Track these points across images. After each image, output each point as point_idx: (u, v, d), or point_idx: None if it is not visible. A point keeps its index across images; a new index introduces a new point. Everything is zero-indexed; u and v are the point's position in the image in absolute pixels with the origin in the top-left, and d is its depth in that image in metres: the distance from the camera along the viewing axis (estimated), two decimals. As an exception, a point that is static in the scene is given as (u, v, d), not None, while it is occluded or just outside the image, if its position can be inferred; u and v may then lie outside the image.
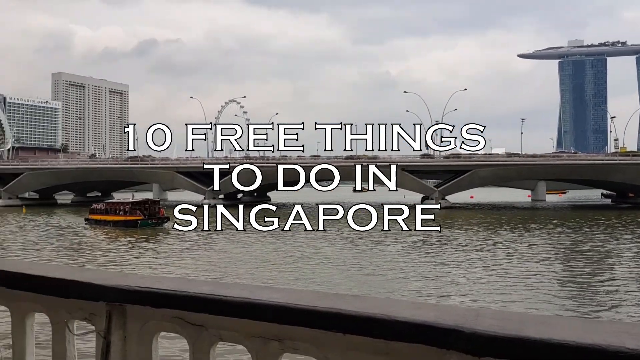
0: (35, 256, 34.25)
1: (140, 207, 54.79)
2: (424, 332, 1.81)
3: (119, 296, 2.52)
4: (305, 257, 33.01)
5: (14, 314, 3.05)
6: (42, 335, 3.08)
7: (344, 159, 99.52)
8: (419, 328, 1.82)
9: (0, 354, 3.41)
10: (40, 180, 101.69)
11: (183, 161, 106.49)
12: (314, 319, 2.01)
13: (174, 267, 29.82)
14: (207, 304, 2.25)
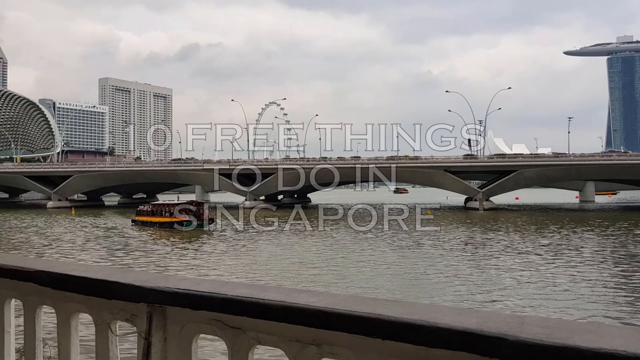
0: (82, 257, 35.12)
1: (186, 208, 55.03)
2: (466, 340, 1.75)
3: (159, 298, 2.54)
4: (345, 258, 32.73)
5: (59, 314, 3.14)
6: (89, 335, 3.13)
7: (384, 159, 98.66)
8: (460, 335, 1.76)
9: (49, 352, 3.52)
10: (88, 182, 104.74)
11: (224, 163, 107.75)
12: (352, 324, 1.96)
13: (217, 269, 29.94)
14: (245, 307, 2.24)
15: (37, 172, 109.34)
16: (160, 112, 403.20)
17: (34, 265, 3.26)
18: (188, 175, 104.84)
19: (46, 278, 3.09)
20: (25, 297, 3.38)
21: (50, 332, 3.38)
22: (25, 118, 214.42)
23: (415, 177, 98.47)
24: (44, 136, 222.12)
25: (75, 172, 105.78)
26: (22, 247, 40.98)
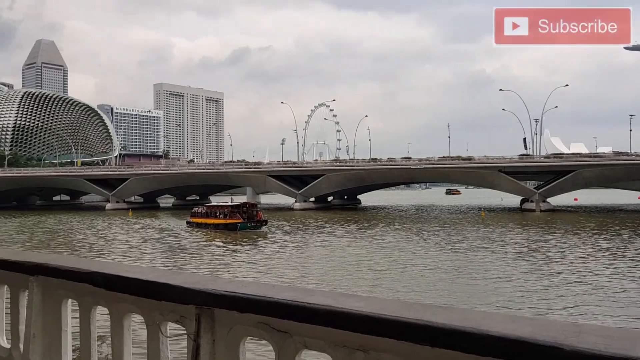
0: (138, 257, 35.86)
1: (239, 210, 55.20)
2: (519, 349, 1.67)
3: (207, 300, 2.56)
4: (395, 261, 32.15)
5: (113, 314, 3.23)
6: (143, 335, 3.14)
7: (436, 160, 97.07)
8: (513, 344, 1.67)
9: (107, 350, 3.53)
10: (145, 184, 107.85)
11: (274, 165, 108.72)
12: (400, 330, 1.92)
13: (268, 270, 29.90)
14: (291, 310, 2.22)
15: (96, 175, 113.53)
16: (212, 115, 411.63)
17: (88, 267, 3.33)
18: (239, 177, 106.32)
19: (100, 279, 3.15)
20: (80, 298, 3.46)
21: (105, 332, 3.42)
22: (85, 123, 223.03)
23: (468, 177, 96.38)
24: (103, 140, 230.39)
25: (132, 175, 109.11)
26: (81, 247, 42.37)
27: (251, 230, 52.02)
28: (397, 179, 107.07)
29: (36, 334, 3.68)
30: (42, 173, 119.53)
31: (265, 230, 52.37)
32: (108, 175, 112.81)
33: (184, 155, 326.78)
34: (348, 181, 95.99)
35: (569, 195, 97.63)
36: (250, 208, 56.48)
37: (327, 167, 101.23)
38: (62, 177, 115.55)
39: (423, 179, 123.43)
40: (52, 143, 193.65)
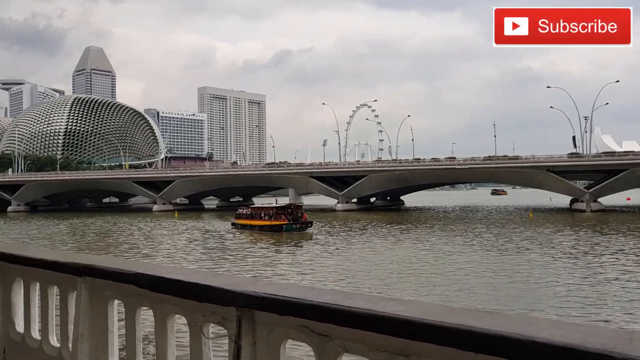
0: (183, 258, 36.19)
1: (285, 211, 54.85)
2: (567, 356, 1.61)
3: (247, 302, 2.57)
4: (438, 263, 31.40)
5: (157, 315, 3.29)
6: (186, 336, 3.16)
7: (481, 160, 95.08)
8: (560, 351, 1.62)
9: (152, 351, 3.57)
10: (190, 187, 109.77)
11: (316, 166, 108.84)
12: (442, 336, 1.88)
13: (312, 272, 29.66)
14: (330, 314, 2.21)
15: (143, 178, 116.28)
16: (255, 117, 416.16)
17: (133, 268, 3.39)
18: (281, 179, 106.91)
19: (144, 280, 3.20)
20: (126, 299, 3.54)
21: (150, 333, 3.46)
22: (132, 127, 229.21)
23: (515, 177, 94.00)
24: (149, 144, 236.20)
25: (177, 177, 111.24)
26: (129, 249, 43.23)
27: (296, 232, 51.57)
28: (441, 180, 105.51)
29: (84, 334, 3.76)
30: (92, 176, 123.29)
31: (310, 232, 51.89)
32: (154, 178, 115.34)
33: (227, 158, 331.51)
34: (391, 182, 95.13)
35: (621, 195, 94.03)
36: (296, 209, 56.06)
37: (369, 167, 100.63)
38: (111, 179, 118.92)
39: (468, 179, 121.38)
40: (102, 147, 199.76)
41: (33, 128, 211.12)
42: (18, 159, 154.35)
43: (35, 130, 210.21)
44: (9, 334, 4.86)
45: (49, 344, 4.38)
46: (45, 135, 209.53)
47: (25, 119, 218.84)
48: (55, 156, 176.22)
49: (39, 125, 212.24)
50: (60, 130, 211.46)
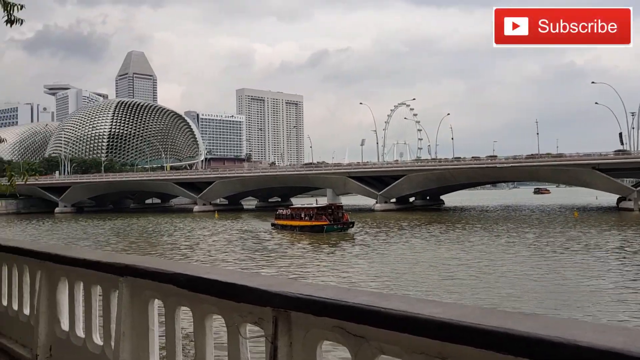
0: (223, 259, 36.28)
1: (325, 212, 54.16)
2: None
3: (283, 302, 2.58)
4: (479, 265, 30.64)
5: (195, 314, 3.33)
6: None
7: (523, 158, 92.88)
8: (604, 356, 1.56)
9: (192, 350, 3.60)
10: (229, 187, 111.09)
11: (354, 166, 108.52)
12: (480, 339, 1.83)
13: (353, 273, 29.28)
14: (366, 315, 2.19)
15: (184, 179, 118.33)
16: (292, 118, 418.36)
17: (172, 268, 3.43)
18: (319, 179, 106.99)
19: (183, 280, 3.23)
20: (165, 298, 3.59)
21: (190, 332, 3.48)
22: (173, 129, 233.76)
23: (559, 176, 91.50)
24: (190, 145, 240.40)
25: (217, 178, 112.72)
26: (171, 249, 43.92)
27: (337, 232, 50.71)
28: (482, 179, 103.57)
29: (126, 332, 3.85)
30: (134, 177, 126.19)
31: (352, 233, 51.03)
32: (195, 179, 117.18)
33: (266, 158, 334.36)
34: (430, 181, 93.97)
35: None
36: (336, 210, 55.31)
37: (408, 167, 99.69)
38: (152, 181, 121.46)
39: (510, 178, 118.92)
40: (144, 149, 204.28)
41: (78, 131, 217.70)
42: (64, 162, 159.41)
43: (81, 134, 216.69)
44: (55, 332, 4.96)
45: (93, 342, 4.46)
46: (90, 139, 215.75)
47: (71, 123, 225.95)
48: (100, 159, 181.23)
49: (84, 129, 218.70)
50: (104, 133, 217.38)
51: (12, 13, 5.67)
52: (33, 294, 5.45)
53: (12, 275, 6.02)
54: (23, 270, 5.75)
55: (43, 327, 5.05)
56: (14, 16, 5.68)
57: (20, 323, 5.67)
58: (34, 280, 5.46)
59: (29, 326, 5.37)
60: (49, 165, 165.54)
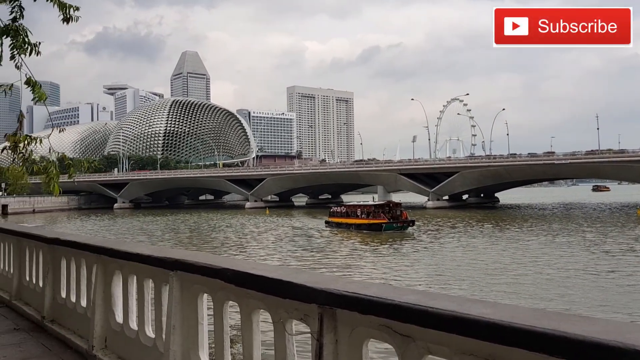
0: (272, 256, 36.10)
1: (383, 209, 52.02)
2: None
3: (328, 300, 2.57)
4: (535, 265, 29.47)
5: (242, 309, 3.36)
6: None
7: (583, 154, 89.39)
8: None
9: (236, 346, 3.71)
10: (280, 184, 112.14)
11: (405, 163, 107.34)
12: (533, 341, 1.77)
13: (409, 273, 28.34)
14: (413, 314, 2.16)
15: (236, 176, 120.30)
16: (343, 115, 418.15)
17: (220, 263, 3.46)
18: (369, 176, 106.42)
19: (230, 275, 3.27)
20: (214, 293, 3.63)
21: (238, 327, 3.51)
22: (225, 127, 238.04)
23: (621, 172, 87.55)
24: (242, 143, 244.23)
25: (268, 175, 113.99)
26: (222, 245, 44.47)
27: (397, 231, 48.53)
28: (539, 176, 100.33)
29: (176, 325, 3.91)
30: (189, 175, 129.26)
31: (411, 232, 48.99)
32: (246, 176, 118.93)
33: (316, 155, 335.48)
34: (485, 178, 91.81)
35: None
36: (395, 207, 53.08)
37: (461, 164, 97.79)
38: (206, 178, 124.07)
39: (568, 175, 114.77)
40: (198, 146, 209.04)
41: (135, 130, 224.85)
42: (123, 159, 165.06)
43: (138, 132, 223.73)
44: (109, 324, 5.07)
45: (145, 335, 4.55)
46: (146, 137, 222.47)
47: (128, 122, 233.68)
48: (156, 156, 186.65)
49: (141, 127, 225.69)
50: (160, 132, 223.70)
51: (69, 12, 5.77)
52: (89, 286, 5.60)
53: (70, 268, 6.21)
54: (80, 264, 5.91)
55: (98, 318, 5.17)
56: (70, 15, 5.78)
57: (78, 315, 5.83)
58: (91, 273, 5.60)
59: (86, 318, 5.51)
60: (108, 163, 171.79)
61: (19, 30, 5.79)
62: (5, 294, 8.24)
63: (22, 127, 6.17)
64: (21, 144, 5.95)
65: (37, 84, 5.76)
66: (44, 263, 6.94)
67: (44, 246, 6.89)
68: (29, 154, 6.11)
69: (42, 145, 6.05)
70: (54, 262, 6.57)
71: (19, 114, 6.31)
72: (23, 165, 6.51)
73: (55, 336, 6.10)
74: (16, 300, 7.74)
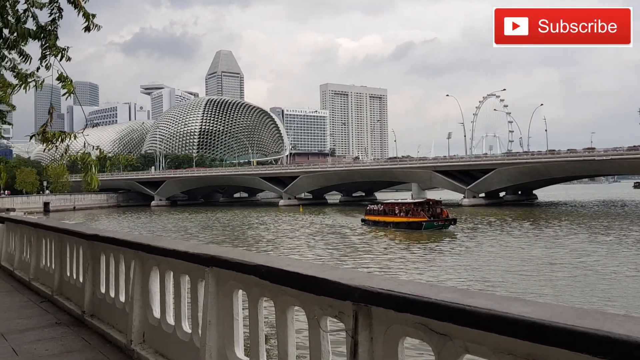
0: (308, 254, 35.83)
1: (423, 207, 50.89)
2: None
3: (363, 297, 2.55)
4: (577, 265, 28.64)
5: (277, 306, 3.38)
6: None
7: (625, 150, 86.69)
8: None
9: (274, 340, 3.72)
10: (313, 182, 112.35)
11: (440, 160, 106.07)
12: (575, 341, 1.72)
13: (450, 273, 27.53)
14: (450, 313, 2.13)
15: (269, 174, 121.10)
16: (376, 112, 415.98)
17: (254, 260, 3.47)
18: (404, 173, 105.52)
19: (265, 272, 3.28)
20: (248, 289, 3.65)
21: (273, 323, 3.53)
22: (259, 125, 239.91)
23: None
24: (275, 141, 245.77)
25: (301, 172, 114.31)
26: (254, 242, 44.65)
27: (437, 229, 47.33)
28: (578, 172, 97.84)
29: (212, 321, 3.95)
30: (223, 172, 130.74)
31: (453, 230, 47.59)
32: (280, 174, 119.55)
33: (349, 153, 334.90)
34: (522, 175, 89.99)
35: None
36: (435, 205, 51.71)
37: (497, 160, 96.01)
38: (240, 175, 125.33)
39: (609, 172, 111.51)
40: (232, 145, 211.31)
41: (172, 129, 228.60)
42: (159, 158, 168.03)
43: (174, 131, 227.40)
44: (147, 319, 5.13)
45: (182, 330, 4.60)
46: (182, 135, 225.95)
47: (164, 121, 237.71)
48: (192, 154, 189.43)
49: (176, 126, 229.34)
50: (195, 130, 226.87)
51: (91, 22, 5.84)
52: (128, 282, 5.68)
53: (109, 264, 6.31)
54: (119, 259, 6.01)
55: (137, 314, 5.24)
56: (92, 23, 5.85)
57: (117, 309, 5.93)
58: (129, 269, 5.69)
59: (124, 313, 5.60)
60: (146, 161, 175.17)
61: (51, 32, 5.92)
62: (47, 289, 8.45)
63: (52, 120, 6.29)
64: (55, 139, 6.07)
65: (67, 78, 5.85)
66: (84, 259, 7.09)
67: (84, 242, 7.03)
68: (65, 149, 6.24)
69: (77, 142, 6.16)
70: (93, 258, 6.70)
71: (49, 107, 6.44)
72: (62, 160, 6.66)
73: (95, 330, 6.21)
74: (57, 295, 7.93)
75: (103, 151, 6.32)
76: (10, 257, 11.79)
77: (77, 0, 5.84)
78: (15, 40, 6.12)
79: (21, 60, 6.43)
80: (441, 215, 50.17)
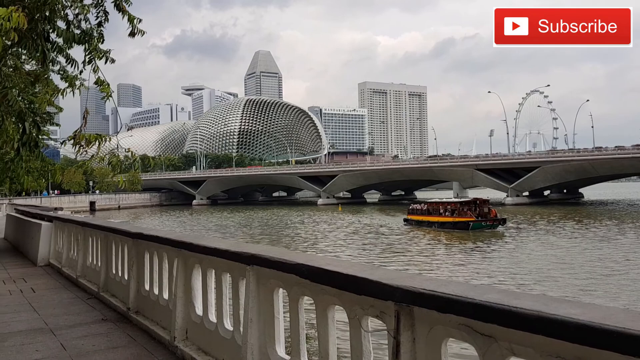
0: (348, 254, 35.35)
1: (470, 207, 49.13)
2: None
3: (405, 297, 2.53)
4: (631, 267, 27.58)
5: (318, 305, 3.36)
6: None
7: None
8: None
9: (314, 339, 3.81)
10: (352, 180, 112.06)
11: (482, 158, 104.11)
12: (627, 344, 1.66)
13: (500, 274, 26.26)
14: (495, 314, 2.10)
15: (308, 173, 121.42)
16: (415, 110, 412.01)
17: (294, 259, 3.48)
18: (444, 172, 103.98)
19: (305, 271, 3.29)
20: (289, 288, 3.64)
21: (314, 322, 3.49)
22: (297, 125, 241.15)
23: None
24: (313, 140, 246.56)
25: (340, 171, 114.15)
26: (292, 241, 44.66)
27: (486, 229, 45.61)
28: (627, 170, 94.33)
29: (253, 319, 3.97)
30: (262, 172, 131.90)
31: (502, 231, 45.54)
32: (318, 173, 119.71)
33: (388, 152, 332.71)
34: (567, 173, 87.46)
35: None
36: (482, 205, 49.61)
37: (542, 158, 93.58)
38: (279, 174, 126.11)
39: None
40: (271, 144, 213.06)
41: (212, 129, 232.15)
42: (200, 158, 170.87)
43: (214, 131, 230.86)
44: (190, 316, 5.21)
45: (224, 327, 4.65)
46: (222, 135, 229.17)
47: (205, 121, 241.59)
48: (231, 154, 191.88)
49: (216, 126, 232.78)
50: (234, 130, 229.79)
51: (136, 25, 5.95)
52: (171, 279, 5.78)
53: (153, 262, 6.43)
54: (162, 258, 6.11)
55: (180, 311, 5.32)
56: (137, 28, 5.97)
57: (161, 306, 6.03)
58: (172, 266, 5.78)
59: (168, 310, 5.69)
60: (187, 161, 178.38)
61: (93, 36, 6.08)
62: (94, 286, 8.69)
63: (86, 123, 6.49)
64: (86, 142, 6.27)
65: (104, 82, 6.02)
66: (128, 257, 7.25)
67: (128, 240, 7.19)
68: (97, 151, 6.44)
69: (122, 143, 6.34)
70: (138, 256, 6.84)
71: (84, 111, 6.63)
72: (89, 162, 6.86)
73: (139, 327, 6.34)
74: (104, 292, 8.14)
75: (134, 153, 6.48)
76: (58, 255, 12.19)
77: (121, 4, 5.97)
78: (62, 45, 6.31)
79: (67, 64, 6.64)
80: (489, 214, 48.46)
